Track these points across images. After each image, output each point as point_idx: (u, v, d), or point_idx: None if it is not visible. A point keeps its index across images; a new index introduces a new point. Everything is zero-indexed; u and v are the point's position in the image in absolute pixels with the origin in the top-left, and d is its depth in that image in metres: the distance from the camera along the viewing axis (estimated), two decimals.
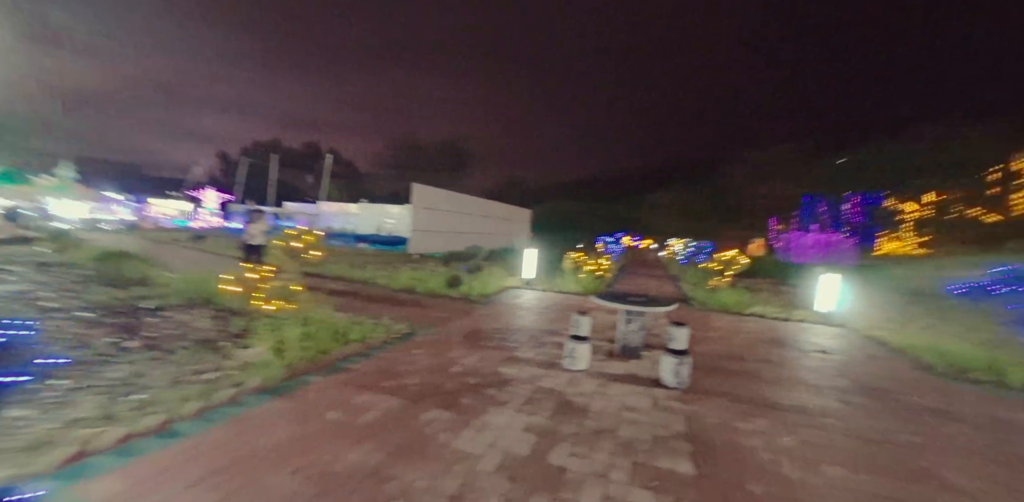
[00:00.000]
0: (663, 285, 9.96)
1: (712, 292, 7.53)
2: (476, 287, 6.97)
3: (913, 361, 4.48)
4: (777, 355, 4.45)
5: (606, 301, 3.94)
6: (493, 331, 4.75)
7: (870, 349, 4.93)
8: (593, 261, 8.04)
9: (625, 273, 12.42)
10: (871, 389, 3.58)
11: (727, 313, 6.72)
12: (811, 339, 5.27)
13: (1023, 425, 3.06)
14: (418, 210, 13.82)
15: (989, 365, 4.15)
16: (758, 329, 5.66)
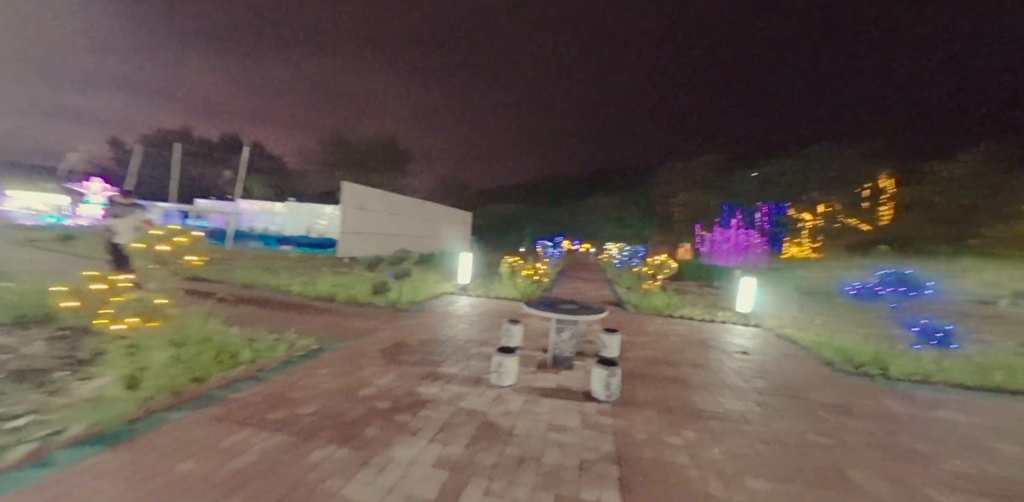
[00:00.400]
0: (600, 289, 10.12)
1: (645, 296, 7.73)
2: (406, 294, 6.47)
3: (817, 358, 4.81)
4: (704, 358, 4.53)
5: (536, 309, 3.71)
6: (418, 343, 4.33)
7: (782, 348, 5.24)
8: (531, 265, 7.89)
9: (564, 277, 12.52)
10: (785, 388, 3.72)
11: (659, 316, 6.88)
12: (733, 340, 5.50)
13: (907, 417, 3.30)
14: (348, 210, 12.86)
15: (875, 359, 4.56)
16: (687, 331, 5.81)
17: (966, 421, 3.29)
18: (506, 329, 4.39)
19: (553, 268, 12.21)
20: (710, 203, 36.56)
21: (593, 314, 3.71)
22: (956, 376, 4.27)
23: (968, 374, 4.34)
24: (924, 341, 4.42)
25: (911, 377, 4.22)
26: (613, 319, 6.28)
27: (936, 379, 4.23)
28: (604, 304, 8.06)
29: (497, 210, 43.20)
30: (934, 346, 4.35)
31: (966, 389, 4.09)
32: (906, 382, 4.15)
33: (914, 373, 4.31)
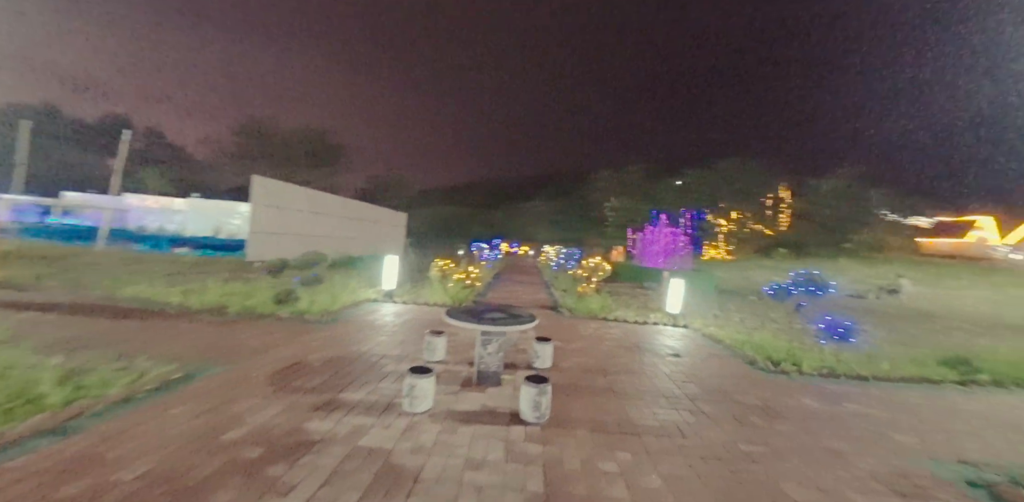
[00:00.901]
0: (537, 292, 9.93)
1: (580, 298, 7.63)
2: (318, 303, 5.66)
3: (740, 356, 4.93)
4: (638, 363, 4.40)
5: (457, 321, 3.26)
6: (322, 362, 3.66)
7: (709, 348, 5.33)
8: (463, 269, 7.42)
9: (501, 280, 12.20)
10: (715, 392, 3.66)
11: (594, 319, 6.78)
12: (665, 342, 5.50)
13: (822, 413, 3.37)
14: (260, 208, 11.36)
15: (789, 355, 4.78)
16: (621, 335, 5.72)
17: (868, 413, 3.44)
18: (428, 342, 3.89)
19: (489, 271, 11.84)
20: (639, 208, 38.87)
21: (522, 323, 3.35)
22: (854, 368, 4.59)
23: (862, 365, 4.69)
24: (828, 336, 4.70)
25: (820, 371, 4.44)
26: (548, 324, 6.03)
27: (839, 372, 4.50)
28: (540, 308, 7.87)
29: (435, 211, 41.92)
30: (836, 341, 4.64)
31: (863, 379, 4.39)
32: (817, 376, 4.36)
33: (822, 367, 4.55)
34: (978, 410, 3.78)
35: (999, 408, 3.88)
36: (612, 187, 41.30)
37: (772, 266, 27.94)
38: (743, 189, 36.64)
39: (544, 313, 7.02)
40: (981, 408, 3.84)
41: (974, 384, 4.60)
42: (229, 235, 19.63)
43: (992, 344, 7.67)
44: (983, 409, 3.82)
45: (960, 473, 2.57)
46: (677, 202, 38.11)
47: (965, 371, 4.86)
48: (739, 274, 22.65)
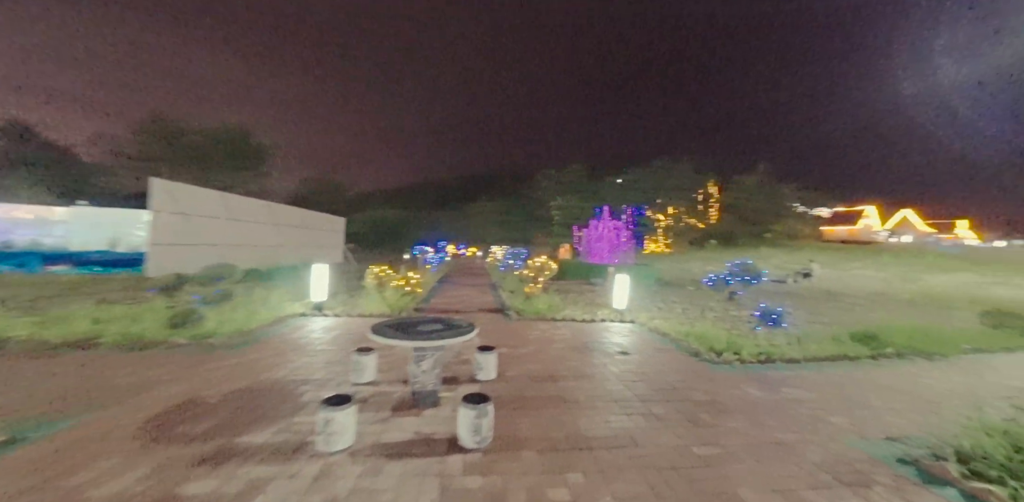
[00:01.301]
0: (483, 294, 9.60)
1: (527, 299, 7.42)
2: (228, 323, 4.88)
3: (685, 349, 4.96)
4: (587, 365, 4.23)
5: (384, 337, 2.83)
6: (221, 398, 3.04)
7: (655, 342, 5.33)
8: (402, 274, 6.89)
9: (447, 283, 11.70)
10: (665, 390, 3.57)
11: (542, 320, 6.59)
12: (612, 339, 5.42)
13: (766, 402, 3.40)
14: (162, 216, 9.89)
15: (729, 344, 4.90)
16: (569, 336, 5.56)
17: (804, 398, 3.53)
18: (355, 361, 3.41)
19: (434, 275, 11.31)
20: (583, 207, 40.01)
21: (460, 334, 3.00)
22: (786, 351, 4.80)
23: (793, 348, 4.93)
24: (763, 323, 4.87)
25: (758, 358, 4.57)
26: (495, 329, 5.73)
27: (775, 356, 4.67)
28: (487, 312, 7.54)
29: (377, 215, 39.94)
30: (770, 327, 4.82)
31: (795, 362, 4.59)
32: (756, 364, 4.47)
33: (760, 354, 4.70)
34: (890, 383, 4.06)
35: (904, 379, 4.20)
36: (556, 186, 42.09)
37: (705, 257, 30.03)
38: (677, 186, 39.05)
39: (491, 317, 6.71)
40: (892, 380, 4.14)
41: (883, 357, 5.01)
42: (131, 248, 17.05)
43: (886, 316, 8.64)
44: (893, 381, 4.11)
45: (889, 451, 2.65)
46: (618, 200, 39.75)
47: (874, 346, 5.31)
48: (677, 266, 24.00)
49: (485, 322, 6.23)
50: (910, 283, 17.35)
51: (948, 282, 18.31)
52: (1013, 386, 4.14)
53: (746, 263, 4.92)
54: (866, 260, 26.36)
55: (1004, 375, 4.54)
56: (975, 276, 20.35)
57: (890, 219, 46.66)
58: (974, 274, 21.05)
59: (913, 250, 33.07)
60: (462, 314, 6.83)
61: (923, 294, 13.40)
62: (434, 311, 7.00)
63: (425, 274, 10.73)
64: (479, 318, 6.54)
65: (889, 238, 42.33)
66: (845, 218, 44.29)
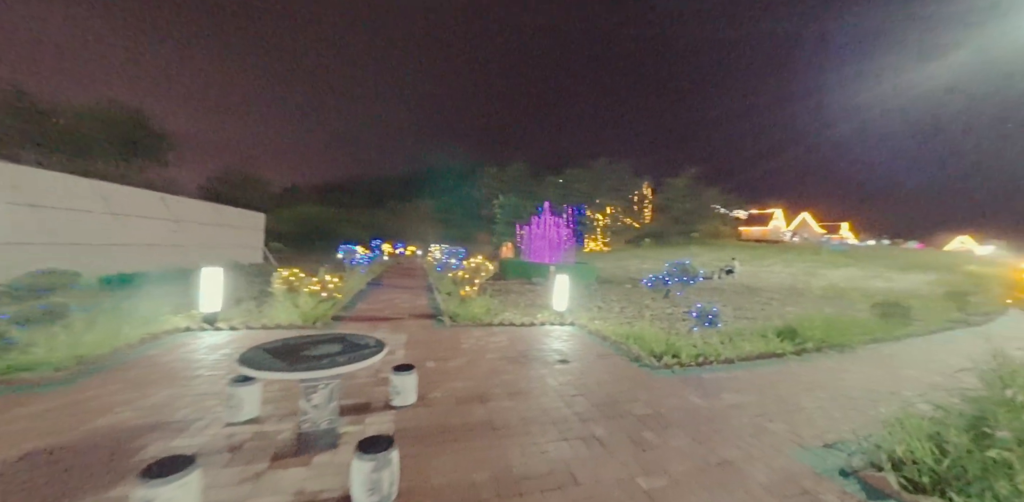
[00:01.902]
0: (417, 298, 8.88)
1: (463, 303, 6.88)
2: (66, 347, 3.76)
3: (625, 353, 4.76)
4: (524, 379, 3.81)
5: (257, 369, 2.15)
6: (16, 460, 2.16)
7: (595, 347, 5.08)
8: (320, 278, 6.01)
9: (378, 286, 10.75)
10: (606, 404, 3.26)
11: (478, 326, 6.09)
12: (552, 345, 5.08)
13: (708, 412, 3.22)
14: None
15: (668, 346, 4.78)
16: (506, 343, 5.13)
17: (743, 403, 3.42)
18: (230, 395, 2.67)
19: (362, 277, 10.33)
20: (525, 205, 40.20)
21: (362, 359, 2.39)
22: (721, 351, 4.78)
23: (726, 347, 4.94)
24: (700, 323, 4.81)
25: (696, 360, 4.47)
26: (424, 339, 5.12)
27: (711, 357, 4.62)
28: (419, 318, 6.82)
29: (307, 212, 36.75)
30: (707, 327, 4.78)
31: (729, 363, 4.57)
32: (694, 366, 4.36)
33: (697, 355, 4.62)
34: (813, 379, 4.14)
35: (825, 375, 4.33)
36: (498, 184, 41.84)
37: (641, 255, 31.55)
38: (614, 187, 40.68)
39: (422, 324, 6.08)
40: (815, 376, 4.24)
41: (804, 352, 5.22)
42: None
43: (798, 310, 9.37)
44: (816, 377, 4.21)
45: (831, 462, 2.54)
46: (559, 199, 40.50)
47: (797, 341, 5.53)
48: (615, 264, 24.83)
49: (415, 330, 5.60)
50: (812, 278, 19.44)
51: (840, 276, 20.82)
52: (912, 377, 4.43)
53: (683, 264, 4.83)
54: (776, 257, 29.31)
55: (903, 365, 4.88)
56: (858, 271, 23.37)
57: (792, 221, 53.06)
58: (857, 269, 24.18)
59: (811, 248, 37.52)
60: (389, 322, 6.12)
61: (823, 288, 14.98)
62: (358, 319, 6.21)
63: (352, 276, 9.74)
64: (408, 326, 5.89)
65: (792, 238, 47.86)
66: (759, 219, 49.37)
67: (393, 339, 5.04)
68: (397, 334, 5.32)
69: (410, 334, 5.38)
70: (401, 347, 4.70)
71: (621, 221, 41.05)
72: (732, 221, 50.02)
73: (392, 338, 5.09)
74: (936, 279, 19.19)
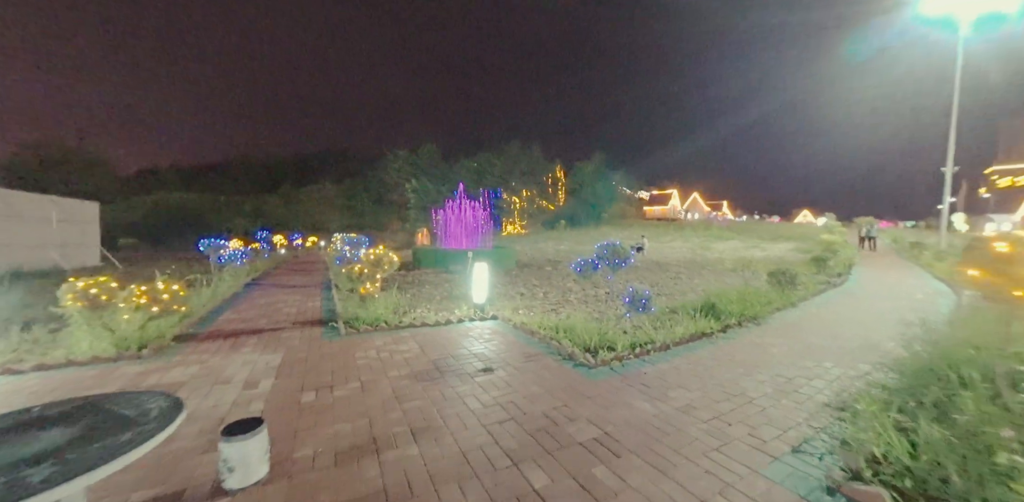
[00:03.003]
0: (310, 298, 7.35)
1: (364, 302, 5.70)
2: None
3: (557, 352, 4.15)
4: (435, 404, 2.93)
5: None
6: None
7: (522, 345, 4.40)
8: (150, 287, 4.32)
9: (262, 286, 8.82)
10: (541, 431, 2.55)
11: (382, 330, 5.01)
12: (473, 348, 4.26)
13: (658, 421, 2.72)
14: None
15: (603, 338, 4.29)
16: (415, 352, 4.17)
17: (693, 402, 3.00)
18: None
19: (237, 278, 8.33)
20: (439, 190, 38.36)
21: (113, 456, 1.26)
22: (654, 337, 4.44)
23: (659, 333, 4.62)
24: (633, 309, 4.40)
25: (634, 352, 4.03)
26: (304, 358, 3.91)
27: (647, 345, 4.24)
28: (307, 325, 5.35)
29: (171, 200, 30.25)
30: (640, 313, 4.38)
31: (666, 349, 4.23)
32: (633, 360, 3.91)
33: (634, 345, 4.20)
34: (747, 359, 3.97)
35: (754, 352, 4.21)
36: (408, 168, 39.19)
37: (557, 237, 32.24)
38: (527, 170, 40.74)
39: (308, 335, 4.80)
40: (747, 356, 4.08)
41: (728, 328, 5.18)
42: None
43: (703, 282, 9.93)
44: (749, 357, 4.05)
45: (808, 473, 2.14)
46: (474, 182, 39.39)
47: (720, 317, 5.51)
48: (532, 246, 24.87)
49: (296, 346, 4.33)
50: (707, 251, 21.51)
51: (727, 247, 23.45)
52: (821, 346, 4.53)
53: (614, 245, 4.33)
54: (675, 234, 32.21)
55: (810, 333, 5.05)
56: (739, 243, 26.65)
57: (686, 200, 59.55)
58: (739, 242, 27.60)
59: (702, 225, 42.21)
60: (262, 336, 4.72)
61: (716, 260, 16.52)
62: (215, 336, 4.68)
63: (224, 278, 7.75)
64: (288, 339, 4.57)
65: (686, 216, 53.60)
66: (660, 199, 54.25)
67: (258, 364, 3.75)
68: (267, 354, 4.02)
69: (288, 352, 4.11)
70: (269, 375, 3.46)
71: (537, 204, 41.55)
72: (637, 202, 54.03)
73: (257, 362, 3.79)
74: (796, 247, 22.61)
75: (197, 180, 42.27)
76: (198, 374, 3.43)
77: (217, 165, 47.69)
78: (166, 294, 4.12)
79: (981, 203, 65.46)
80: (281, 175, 43.67)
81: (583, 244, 26.31)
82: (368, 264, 5.47)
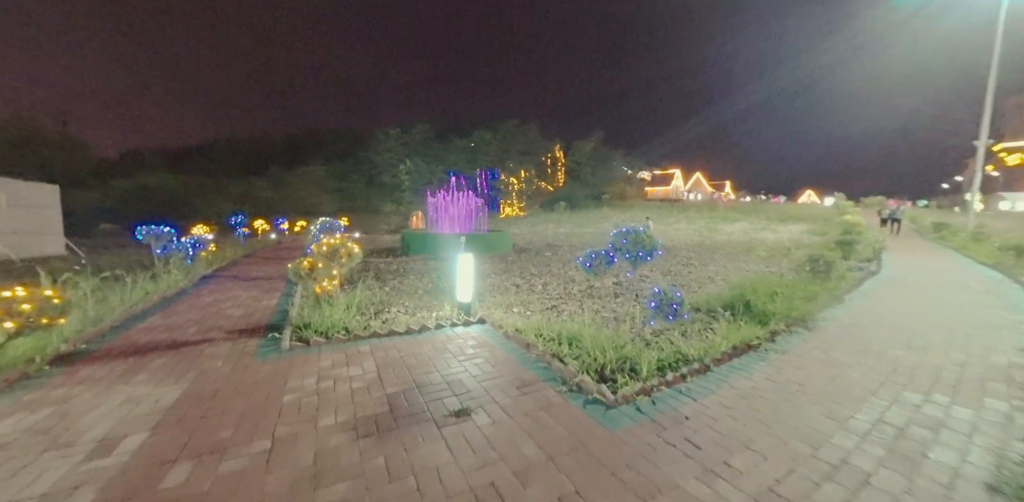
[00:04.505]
0: (266, 297, 6.27)
1: (319, 304, 4.61)
2: None
3: (561, 379, 3.10)
4: (373, 494, 1.87)
5: None
6: None
7: (515, 368, 3.34)
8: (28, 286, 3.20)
9: (220, 279, 7.72)
10: None
11: (337, 343, 3.94)
12: (448, 371, 3.21)
13: None
14: None
15: (620, 354, 3.23)
16: (371, 379, 3.12)
17: (768, 473, 1.96)
18: None
19: (186, 272, 7.20)
20: (434, 170, 36.70)
21: None
22: (687, 351, 3.39)
23: (691, 344, 3.57)
24: (661, 315, 3.32)
25: (664, 377, 2.97)
26: (212, 394, 2.83)
27: (679, 365, 3.19)
28: (243, 336, 4.19)
29: (151, 182, 28.74)
30: (670, 320, 3.31)
31: (705, 371, 3.18)
32: (664, 390, 2.86)
33: (663, 365, 3.15)
34: (823, 389, 2.92)
35: (823, 374, 3.15)
36: (401, 148, 37.42)
37: (556, 219, 30.96)
38: (524, 150, 38.94)
39: (238, 351, 3.72)
40: (818, 382, 3.02)
41: (777, 335, 4.11)
42: None
43: (721, 269, 8.85)
44: (821, 385, 3.00)
45: None
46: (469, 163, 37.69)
47: (760, 320, 4.43)
48: (530, 229, 23.68)
49: (212, 370, 3.25)
50: (715, 233, 20.35)
51: (734, 229, 22.28)
52: (907, 361, 3.47)
53: (636, 232, 3.22)
54: (680, 215, 30.96)
55: (880, 341, 4.00)
56: (748, 224, 25.45)
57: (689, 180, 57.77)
58: (747, 223, 26.39)
59: (707, 205, 40.83)
60: (174, 353, 3.63)
61: (726, 242, 15.39)
62: (116, 355, 3.61)
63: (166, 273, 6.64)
64: (206, 359, 3.49)
65: (688, 196, 52.04)
66: (662, 180, 52.51)
67: (143, 403, 2.68)
68: (165, 385, 2.95)
69: (197, 380, 3.05)
70: (145, 426, 2.39)
71: (536, 185, 39.99)
72: (638, 182, 52.33)
73: (142, 401, 2.72)
74: (809, 228, 21.44)
75: (182, 163, 40.49)
76: (37, 427, 2.37)
77: (202, 147, 45.67)
78: (26, 304, 3.02)
79: (990, 181, 63.74)
80: (269, 157, 41.83)
81: (584, 226, 25.10)
82: (321, 257, 4.35)
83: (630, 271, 3.55)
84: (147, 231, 6.62)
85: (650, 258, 3.38)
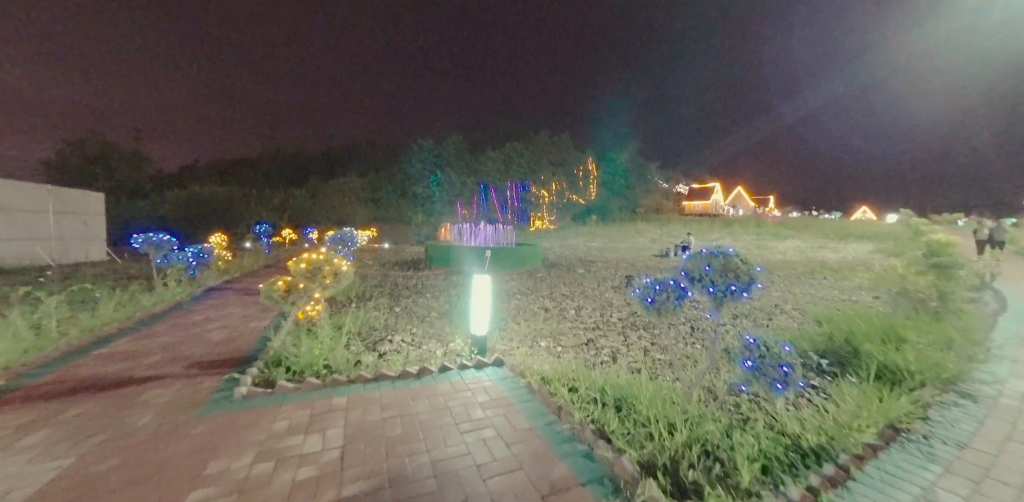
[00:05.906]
0: (260, 316, 5.57)
1: (300, 334, 3.78)
2: None
3: (605, 468, 2.03)
4: None
5: None
6: None
7: (540, 443, 2.30)
8: None
9: (223, 292, 7.16)
10: None
11: (308, 390, 3.05)
12: (443, 452, 2.22)
13: None
14: None
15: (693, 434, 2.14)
16: (319, 471, 2.18)
17: None
18: None
19: (184, 286, 6.66)
20: (466, 181, 36.56)
21: None
22: (808, 437, 2.24)
23: (810, 427, 2.39)
24: (762, 381, 2.18)
25: (748, 493, 1.84)
26: (85, 479, 1.96)
27: (807, 473, 2.05)
28: (207, 371, 2.99)
29: (201, 193, 30.23)
30: (779, 391, 2.16)
31: (842, 485, 2.01)
32: None
33: (763, 453, 2.03)
34: None
35: None
36: (434, 160, 37.67)
37: (588, 232, 29.69)
38: (556, 161, 38.22)
39: (188, 395, 2.90)
40: None
41: (929, 408, 2.81)
42: None
43: (780, 295, 7.43)
44: None
45: None
46: (501, 174, 37.32)
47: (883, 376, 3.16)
48: (561, 243, 22.57)
49: (129, 432, 2.42)
50: (764, 251, 18.47)
51: (787, 247, 20.20)
52: None
53: (727, 255, 2.14)
54: (722, 230, 28.87)
55: None
56: (801, 242, 23.16)
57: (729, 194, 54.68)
58: (799, 240, 24.06)
59: (752, 221, 38.17)
60: (110, 394, 2.85)
61: (781, 262, 13.65)
62: (24, 398, 2.89)
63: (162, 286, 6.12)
64: (141, 408, 2.68)
65: (729, 211, 49.11)
66: (700, 193, 49.99)
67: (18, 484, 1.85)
68: (44, 459, 2.12)
69: (88, 453, 2.21)
70: None
71: (567, 197, 38.96)
72: (674, 196, 50.10)
73: (17, 481, 1.89)
74: (875, 247, 19.07)
75: (231, 174, 42.75)
76: None
77: (250, 159, 48.21)
78: None
79: None
80: (309, 168, 43.37)
81: (618, 241, 23.68)
82: (302, 276, 3.53)
83: (712, 312, 2.43)
84: (144, 240, 6.15)
85: (747, 294, 2.27)
